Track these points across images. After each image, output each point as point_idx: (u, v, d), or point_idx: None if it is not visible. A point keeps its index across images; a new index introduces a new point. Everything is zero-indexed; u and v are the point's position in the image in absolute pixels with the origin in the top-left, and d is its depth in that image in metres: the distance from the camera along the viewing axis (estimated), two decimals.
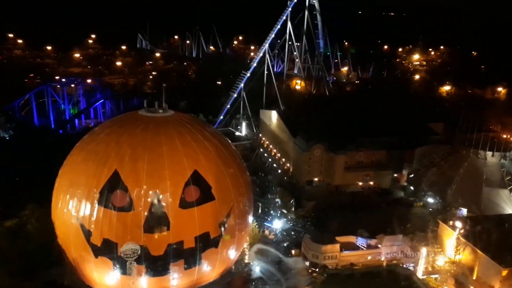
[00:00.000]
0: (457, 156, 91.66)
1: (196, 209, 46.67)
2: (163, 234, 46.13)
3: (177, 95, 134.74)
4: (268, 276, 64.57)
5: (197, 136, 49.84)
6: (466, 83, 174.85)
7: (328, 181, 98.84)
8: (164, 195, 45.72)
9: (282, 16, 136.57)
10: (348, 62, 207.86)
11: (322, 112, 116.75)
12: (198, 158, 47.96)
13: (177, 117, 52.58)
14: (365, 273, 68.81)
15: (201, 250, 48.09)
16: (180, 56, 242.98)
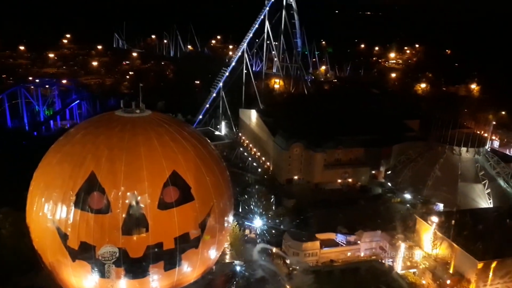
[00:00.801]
0: (432, 152, 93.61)
1: (175, 210, 46.15)
2: (142, 236, 45.43)
3: (155, 95, 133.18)
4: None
5: (175, 136, 49.28)
6: (441, 80, 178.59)
7: (307, 179, 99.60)
8: (142, 196, 45.04)
9: (260, 16, 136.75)
10: (325, 61, 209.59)
11: (301, 111, 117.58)
12: (177, 158, 47.44)
13: (154, 117, 51.84)
14: (345, 269, 69.69)
15: (181, 251, 47.57)
16: (157, 56, 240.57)
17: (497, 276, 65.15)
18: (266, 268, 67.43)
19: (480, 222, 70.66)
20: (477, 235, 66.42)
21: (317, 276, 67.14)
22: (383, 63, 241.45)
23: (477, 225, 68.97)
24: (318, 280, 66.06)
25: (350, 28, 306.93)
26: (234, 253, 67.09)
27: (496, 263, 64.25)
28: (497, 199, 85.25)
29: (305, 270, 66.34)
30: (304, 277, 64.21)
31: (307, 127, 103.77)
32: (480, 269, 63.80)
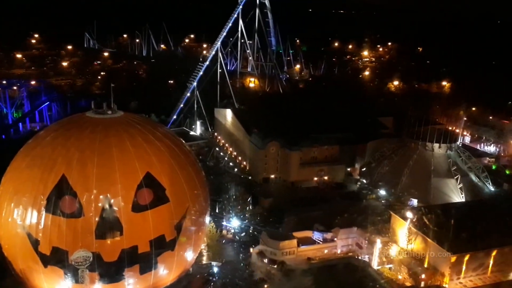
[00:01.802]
0: (406, 148, 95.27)
1: (150, 212, 45.39)
2: (116, 239, 44.56)
3: (127, 96, 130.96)
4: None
5: (148, 137, 48.43)
6: (413, 78, 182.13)
7: (284, 177, 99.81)
8: (115, 199, 44.12)
9: (233, 14, 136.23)
10: (300, 60, 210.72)
11: (276, 109, 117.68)
12: (151, 159, 46.64)
13: (127, 118, 50.83)
14: (322, 266, 69.93)
15: (157, 254, 46.87)
16: (129, 55, 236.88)
17: (469, 269, 66.83)
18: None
19: (453, 216, 72.10)
20: (450, 229, 67.68)
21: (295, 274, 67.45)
22: (357, 61, 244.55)
23: (450, 220, 70.38)
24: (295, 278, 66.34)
25: (323, 26, 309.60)
26: (211, 254, 66.62)
27: (468, 257, 65.87)
28: (469, 193, 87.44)
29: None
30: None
31: (283, 125, 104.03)
32: (453, 263, 65.25)
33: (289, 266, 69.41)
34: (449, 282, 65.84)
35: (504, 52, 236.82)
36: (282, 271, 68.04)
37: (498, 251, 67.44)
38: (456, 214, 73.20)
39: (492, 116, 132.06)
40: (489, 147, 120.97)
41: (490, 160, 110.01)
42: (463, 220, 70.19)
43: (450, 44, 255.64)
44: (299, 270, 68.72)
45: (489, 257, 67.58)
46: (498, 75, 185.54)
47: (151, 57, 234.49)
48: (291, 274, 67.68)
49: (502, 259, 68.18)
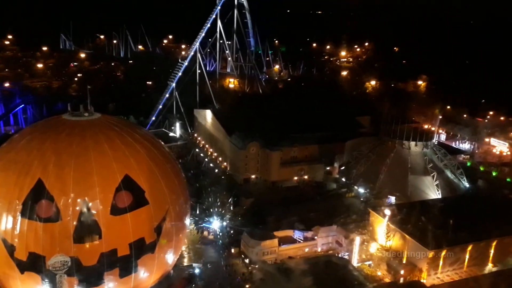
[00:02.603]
0: (383, 147, 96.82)
1: (129, 215, 44.96)
2: (94, 243, 44.01)
3: (105, 97, 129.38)
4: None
5: (126, 139, 47.94)
6: (389, 77, 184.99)
7: (265, 177, 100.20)
8: (93, 202, 43.57)
9: (211, 15, 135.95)
10: (279, 60, 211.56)
11: (256, 110, 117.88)
12: (129, 162, 46.21)
13: (104, 120, 50.25)
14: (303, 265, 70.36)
15: (137, 257, 46.45)
16: (107, 57, 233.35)
17: (447, 264, 68.26)
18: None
19: (430, 212, 73.73)
20: (427, 225, 69.12)
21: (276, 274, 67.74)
22: (334, 61, 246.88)
23: (427, 216, 71.89)
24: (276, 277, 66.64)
25: (301, 27, 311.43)
26: (192, 256, 66.45)
27: (445, 252, 67.27)
28: (445, 190, 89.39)
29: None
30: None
31: (263, 126, 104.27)
32: (431, 258, 66.54)
33: (270, 266, 69.74)
34: (427, 278, 67.17)
35: (477, 52, 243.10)
36: (263, 271, 68.23)
37: (474, 245, 69.16)
38: (433, 210, 74.79)
39: (466, 114, 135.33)
40: (464, 144, 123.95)
41: (465, 157, 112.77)
42: (439, 216, 71.69)
43: (425, 44, 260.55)
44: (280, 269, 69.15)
45: (465, 252, 69.24)
46: (472, 74, 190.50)
47: (129, 58, 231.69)
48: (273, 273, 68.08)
49: (478, 254, 69.93)
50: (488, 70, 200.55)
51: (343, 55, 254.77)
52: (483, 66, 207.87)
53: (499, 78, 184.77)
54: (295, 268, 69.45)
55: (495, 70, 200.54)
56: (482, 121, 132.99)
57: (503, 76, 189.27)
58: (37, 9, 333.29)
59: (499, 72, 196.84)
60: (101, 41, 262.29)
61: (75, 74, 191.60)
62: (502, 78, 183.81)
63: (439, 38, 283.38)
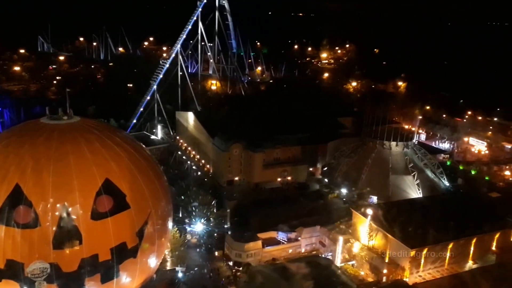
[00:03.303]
0: (365, 147, 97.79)
1: (110, 219, 44.30)
2: (75, 248, 43.22)
3: (84, 100, 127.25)
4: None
5: (107, 143, 47.27)
6: (370, 78, 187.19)
7: (248, 179, 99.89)
8: (73, 207, 42.80)
9: (192, 17, 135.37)
10: (261, 62, 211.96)
11: (239, 111, 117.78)
12: (109, 165, 45.55)
13: (84, 124, 49.43)
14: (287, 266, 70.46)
15: (118, 262, 45.78)
16: (86, 59, 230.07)
17: (428, 262, 69.40)
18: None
19: (411, 211, 74.77)
20: (409, 224, 70.07)
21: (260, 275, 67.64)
22: (316, 63, 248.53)
23: (408, 215, 72.84)
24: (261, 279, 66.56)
25: (283, 29, 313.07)
26: (175, 259, 65.86)
27: (426, 250, 68.29)
28: (425, 189, 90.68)
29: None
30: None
31: (245, 127, 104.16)
32: (412, 257, 67.44)
33: (255, 267, 69.67)
34: (409, 276, 68.04)
35: (455, 53, 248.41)
36: (247, 273, 68.10)
37: (454, 244, 70.43)
38: (414, 209, 75.98)
39: (445, 115, 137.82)
40: (443, 144, 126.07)
41: (445, 157, 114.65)
42: (421, 215, 72.84)
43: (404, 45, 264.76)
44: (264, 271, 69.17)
45: (446, 250, 70.46)
46: (451, 75, 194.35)
47: (109, 60, 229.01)
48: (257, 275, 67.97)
49: (458, 251, 71.31)
50: (466, 71, 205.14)
51: (324, 57, 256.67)
52: (461, 67, 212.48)
53: (477, 78, 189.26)
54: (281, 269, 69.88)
55: (473, 71, 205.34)
56: (461, 121, 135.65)
57: (480, 76, 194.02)
58: (14, 11, 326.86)
59: (477, 73, 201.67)
60: (81, 44, 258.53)
61: (53, 77, 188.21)
62: (480, 79, 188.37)
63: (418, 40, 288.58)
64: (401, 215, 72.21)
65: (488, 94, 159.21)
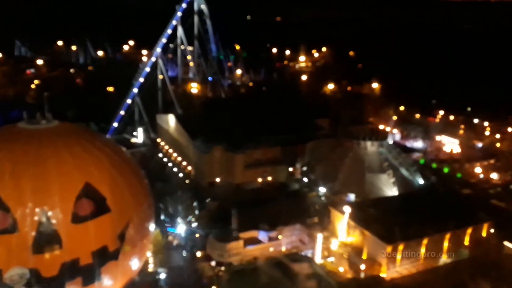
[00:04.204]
0: (342, 147, 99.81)
1: (90, 222, 44.57)
2: (55, 253, 43.21)
3: (64, 104, 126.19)
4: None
5: (86, 146, 47.55)
6: (346, 81, 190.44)
7: (229, 180, 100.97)
8: (53, 211, 42.88)
9: (172, 21, 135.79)
10: (241, 66, 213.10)
11: (219, 114, 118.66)
12: (90, 169, 45.86)
13: (63, 128, 49.56)
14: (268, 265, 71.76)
15: (100, 265, 45.96)
16: (66, 63, 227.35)
17: (404, 257, 71.43)
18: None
19: (387, 209, 77.03)
20: (385, 221, 72.20)
21: (242, 275, 68.88)
22: (294, 66, 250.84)
23: (384, 212, 74.99)
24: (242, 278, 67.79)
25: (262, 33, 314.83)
26: (157, 261, 66.39)
27: (403, 246, 70.42)
28: (400, 187, 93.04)
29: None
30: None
31: (226, 129, 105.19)
32: (389, 253, 69.46)
33: (237, 267, 70.82)
34: (386, 272, 70.04)
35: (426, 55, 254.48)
36: (229, 273, 69.17)
37: (429, 239, 72.65)
38: (390, 206, 78.30)
39: (418, 114, 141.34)
40: (417, 143, 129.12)
41: (418, 155, 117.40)
42: (396, 211, 75.15)
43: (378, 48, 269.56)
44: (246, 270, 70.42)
45: (421, 245, 72.67)
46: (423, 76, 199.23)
47: (89, 64, 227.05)
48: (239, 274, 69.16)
49: (433, 247, 73.48)
50: (438, 72, 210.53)
51: (301, 60, 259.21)
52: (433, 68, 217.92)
53: (448, 79, 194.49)
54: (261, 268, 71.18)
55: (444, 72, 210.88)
56: (433, 120, 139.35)
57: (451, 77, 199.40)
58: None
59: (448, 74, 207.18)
60: (59, 48, 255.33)
61: (31, 81, 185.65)
62: (451, 79, 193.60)
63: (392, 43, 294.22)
64: (377, 212, 74.37)
65: (459, 94, 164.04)
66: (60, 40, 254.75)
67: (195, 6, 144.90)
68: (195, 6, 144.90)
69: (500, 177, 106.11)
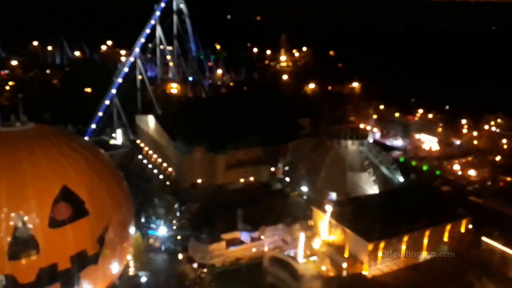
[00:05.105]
0: (323, 147, 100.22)
1: (68, 227, 43.78)
2: (32, 258, 42.39)
3: (40, 106, 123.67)
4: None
5: (63, 149, 46.65)
6: (327, 80, 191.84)
7: (211, 181, 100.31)
8: (29, 216, 41.99)
9: (150, 20, 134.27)
10: (221, 65, 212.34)
11: (200, 114, 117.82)
12: (67, 172, 44.99)
13: (39, 130, 48.56)
14: (250, 265, 71.63)
15: (79, 270, 45.25)
16: (41, 64, 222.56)
17: (385, 255, 72.01)
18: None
19: (368, 207, 77.58)
20: (366, 219, 72.66)
21: (224, 276, 68.45)
22: (275, 66, 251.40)
23: (365, 210, 75.52)
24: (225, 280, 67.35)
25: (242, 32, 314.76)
26: (138, 265, 65.46)
27: (383, 243, 71.06)
28: (381, 185, 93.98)
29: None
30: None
31: (207, 130, 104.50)
32: (370, 251, 69.97)
33: (219, 268, 70.35)
34: (368, 269, 70.58)
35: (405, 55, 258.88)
36: (212, 275, 68.66)
37: (409, 236, 73.42)
38: (371, 204, 78.92)
39: (398, 113, 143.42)
40: (396, 141, 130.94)
41: (398, 154, 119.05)
42: (377, 209, 75.61)
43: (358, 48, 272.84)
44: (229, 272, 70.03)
45: (401, 242, 73.40)
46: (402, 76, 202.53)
47: (66, 65, 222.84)
48: (221, 276, 68.70)
49: (413, 243, 74.33)
50: (417, 71, 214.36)
51: (282, 60, 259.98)
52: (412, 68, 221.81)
53: (427, 78, 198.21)
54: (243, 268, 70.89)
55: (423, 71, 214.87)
56: (412, 118, 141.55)
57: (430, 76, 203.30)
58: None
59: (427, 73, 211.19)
60: (35, 48, 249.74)
61: (6, 83, 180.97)
62: (430, 78, 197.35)
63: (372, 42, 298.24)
64: (358, 210, 74.78)
65: (438, 93, 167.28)
66: (35, 41, 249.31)
67: (174, 5, 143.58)
68: (174, 5, 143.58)
69: (477, 174, 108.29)
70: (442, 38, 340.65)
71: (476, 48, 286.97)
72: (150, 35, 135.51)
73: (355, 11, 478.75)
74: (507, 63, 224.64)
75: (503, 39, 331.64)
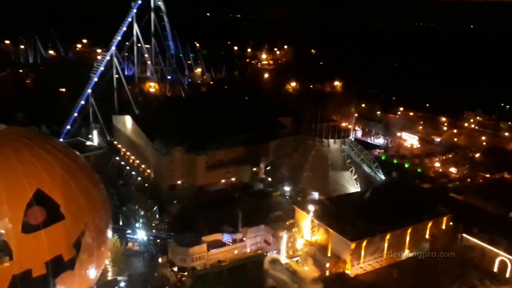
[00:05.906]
0: (305, 146, 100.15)
1: (43, 231, 41.79)
2: (4, 265, 40.34)
3: (12, 107, 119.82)
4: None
5: (37, 151, 44.56)
6: (308, 79, 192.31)
7: (191, 182, 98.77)
8: (1, 221, 39.92)
9: (127, 18, 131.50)
10: (201, 64, 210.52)
11: (180, 114, 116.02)
12: (41, 175, 42.99)
13: (10, 132, 46.32)
14: (232, 267, 70.52)
15: (55, 276, 43.33)
16: (13, 63, 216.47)
17: (368, 253, 72.00)
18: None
19: (350, 205, 77.48)
20: (348, 218, 72.48)
21: (206, 279, 67.16)
22: (256, 64, 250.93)
23: (348, 209, 75.37)
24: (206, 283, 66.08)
25: (222, 30, 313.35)
26: (116, 269, 63.65)
27: (366, 242, 70.96)
28: (363, 183, 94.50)
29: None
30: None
31: (187, 130, 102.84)
32: (353, 249, 69.76)
33: (200, 271, 68.96)
34: (351, 268, 70.35)
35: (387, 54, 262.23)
36: (193, 278, 67.26)
37: (391, 234, 73.59)
38: (353, 203, 78.88)
39: (379, 112, 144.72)
40: (378, 139, 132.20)
41: (380, 152, 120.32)
42: (359, 208, 75.78)
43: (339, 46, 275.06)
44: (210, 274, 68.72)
45: (384, 240, 73.51)
46: (383, 75, 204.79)
47: (39, 64, 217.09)
48: (203, 279, 67.36)
49: (395, 241, 74.58)
50: (398, 70, 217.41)
51: (263, 58, 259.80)
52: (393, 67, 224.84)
53: (407, 77, 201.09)
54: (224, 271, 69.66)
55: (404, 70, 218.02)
56: (394, 117, 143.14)
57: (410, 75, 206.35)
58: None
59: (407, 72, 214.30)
60: (6, 47, 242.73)
61: None
62: (410, 78, 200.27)
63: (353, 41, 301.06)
64: (341, 209, 74.62)
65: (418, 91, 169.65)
66: (6, 39, 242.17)
67: (152, 2, 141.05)
68: (152, 2, 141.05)
69: (458, 171, 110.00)
70: (422, 37, 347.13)
71: (456, 47, 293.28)
72: (127, 33, 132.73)
73: (336, 10, 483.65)
74: (486, 62, 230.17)
75: (482, 38, 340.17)
